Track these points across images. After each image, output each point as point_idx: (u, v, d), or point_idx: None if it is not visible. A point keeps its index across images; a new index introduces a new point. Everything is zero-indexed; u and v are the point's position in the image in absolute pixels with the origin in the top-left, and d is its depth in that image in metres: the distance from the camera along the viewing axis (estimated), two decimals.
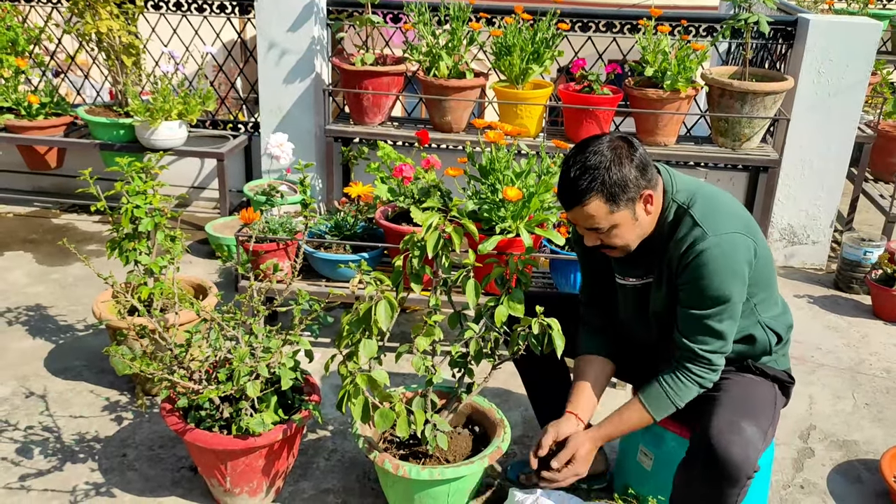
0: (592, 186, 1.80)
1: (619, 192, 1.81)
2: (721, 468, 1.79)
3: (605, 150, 1.81)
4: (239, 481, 2.23)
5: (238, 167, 4.54)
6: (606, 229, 1.86)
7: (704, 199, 1.90)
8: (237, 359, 2.06)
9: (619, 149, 1.82)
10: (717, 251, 1.83)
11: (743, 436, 1.80)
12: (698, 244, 1.84)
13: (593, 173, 1.80)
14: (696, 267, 1.84)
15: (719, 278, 1.83)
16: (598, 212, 1.83)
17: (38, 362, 3.02)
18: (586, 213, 1.84)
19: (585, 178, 1.80)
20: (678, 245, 1.87)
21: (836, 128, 3.90)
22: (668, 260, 1.91)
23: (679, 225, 1.89)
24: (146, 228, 2.62)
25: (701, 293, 1.86)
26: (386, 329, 1.99)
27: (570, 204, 1.85)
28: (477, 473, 2.17)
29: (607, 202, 1.81)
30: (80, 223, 4.41)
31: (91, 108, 4.26)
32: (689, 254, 1.85)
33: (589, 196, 1.81)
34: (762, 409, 1.94)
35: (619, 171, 1.80)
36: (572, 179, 1.82)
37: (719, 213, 1.89)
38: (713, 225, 1.85)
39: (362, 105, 3.94)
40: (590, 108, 3.76)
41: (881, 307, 3.66)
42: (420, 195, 2.99)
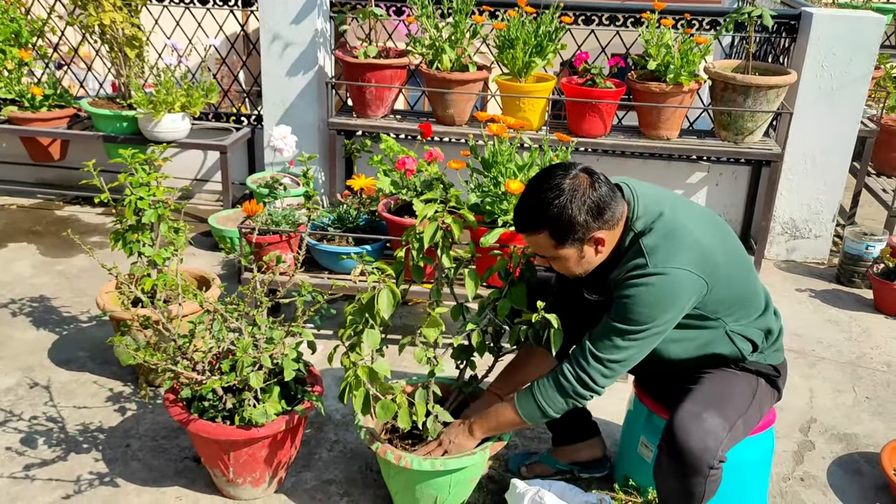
0: (541, 221, 1.84)
1: (566, 232, 1.83)
2: (681, 458, 1.84)
3: (564, 186, 1.82)
4: (242, 471, 2.25)
5: (241, 160, 4.54)
6: (550, 258, 1.92)
7: (663, 228, 1.87)
8: (240, 349, 2.07)
9: (578, 189, 1.82)
10: (653, 281, 1.83)
11: (702, 426, 1.84)
12: (637, 272, 1.85)
13: (546, 209, 1.82)
14: (628, 287, 1.85)
15: (645, 305, 1.84)
16: (543, 244, 1.87)
17: (43, 353, 3.03)
18: (533, 241, 1.90)
19: (537, 210, 1.84)
20: (623, 271, 1.88)
21: (838, 122, 3.90)
22: (615, 283, 1.91)
23: (629, 252, 1.90)
24: (150, 220, 2.63)
25: (623, 310, 1.87)
26: (388, 317, 2.00)
27: (519, 229, 1.91)
28: (479, 464, 2.18)
29: (553, 238, 1.85)
30: (84, 215, 4.43)
31: (94, 101, 4.27)
32: (627, 278, 1.86)
33: (537, 229, 1.85)
34: (732, 400, 1.95)
35: (570, 212, 1.81)
36: (526, 208, 1.87)
37: (672, 245, 1.85)
38: (661, 258, 1.84)
39: (365, 98, 3.94)
40: (593, 102, 3.76)
41: (882, 301, 3.67)
42: (423, 188, 3.00)
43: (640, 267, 1.85)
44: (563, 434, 2.43)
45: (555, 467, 2.45)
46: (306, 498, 2.36)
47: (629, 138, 3.90)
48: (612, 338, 1.89)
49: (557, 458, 2.45)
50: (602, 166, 4.25)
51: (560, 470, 2.45)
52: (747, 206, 4.25)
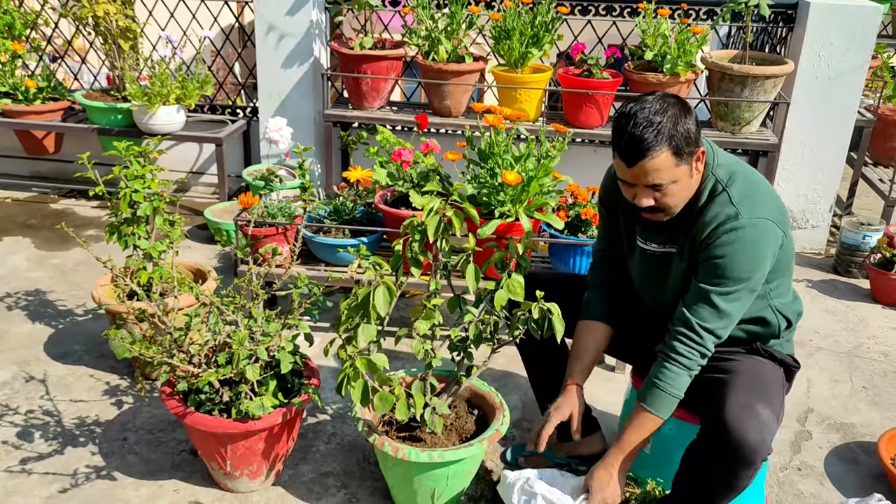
0: (660, 140, 1.76)
1: (684, 145, 1.79)
2: (737, 451, 1.78)
3: (666, 105, 1.80)
4: (239, 464, 2.24)
5: (237, 152, 4.53)
6: (666, 185, 1.83)
7: (744, 179, 1.89)
8: (236, 342, 2.06)
9: (679, 104, 1.82)
10: (746, 234, 1.82)
11: (759, 419, 1.80)
12: (729, 223, 1.83)
13: (660, 126, 1.76)
14: (722, 245, 1.83)
15: (742, 260, 1.83)
16: (663, 165, 1.79)
17: (38, 347, 3.02)
18: (652, 168, 1.80)
19: (652, 131, 1.76)
20: (709, 222, 1.86)
21: (836, 112, 3.89)
22: (695, 234, 1.89)
23: (713, 201, 1.87)
24: (145, 213, 2.62)
25: (719, 270, 1.85)
26: (384, 314, 1.99)
27: (636, 159, 1.79)
28: (476, 456, 2.18)
29: (674, 155, 1.79)
30: (79, 208, 4.41)
31: (89, 93, 4.24)
32: (718, 232, 1.84)
33: (658, 149, 1.77)
34: (773, 391, 1.93)
35: (684, 123, 1.79)
36: (639, 133, 1.77)
37: (756, 196, 1.87)
38: (749, 207, 1.84)
39: (361, 89, 3.93)
40: (589, 93, 3.74)
41: (879, 291, 3.67)
42: (419, 179, 2.99)
43: (732, 218, 1.83)
44: (565, 433, 2.42)
45: (552, 460, 2.45)
46: (304, 490, 2.36)
47: None
48: (713, 303, 1.86)
49: (556, 452, 2.45)
50: (599, 157, 4.24)
51: (558, 463, 2.45)
52: None
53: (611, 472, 1.98)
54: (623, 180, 1.89)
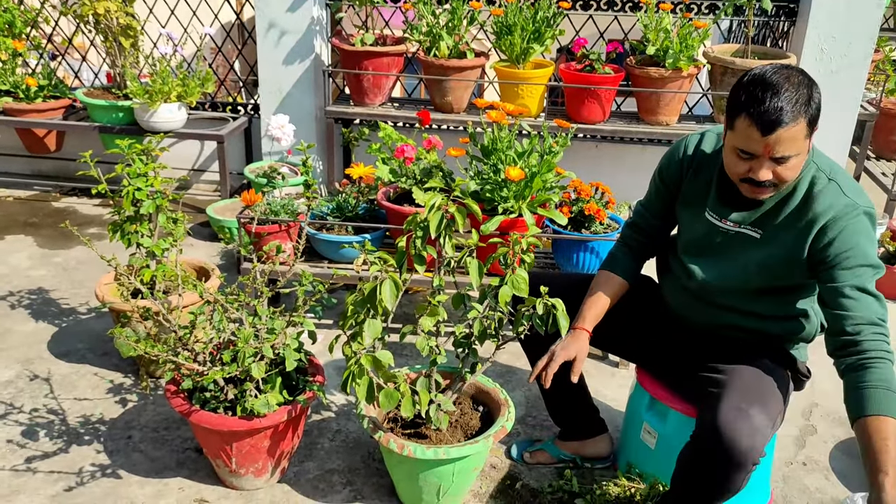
0: (802, 110, 1.71)
1: (816, 116, 1.75)
2: (727, 454, 1.76)
3: (801, 76, 1.75)
4: (244, 462, 2.24)
5: (238, 149, 4.52)
6: (792, 157, 1.76)
7: (843, 172, 1.87)
8: (241, 340, 2.06)
9: (807, 75, 1.77)
10: (866, 223, 1.80)
11: (751, 423, 1.77)
12: (850, 214, 1.78)
13: (799, 96, 1.71)
14: (849, 237, 1.77)
15: (868, 248, 1.79)
16: (798, 136, 1.73)
17: (42, 345, 3.02)
18: (788, 137, 1.73)
19: (794, 99, 1.71)
20: (825, 211, 1.80)
21: (838, 105, 3.88)
22: (803, 224, 1.83)
23: (820, 191, 1.82)
24: (148, 211, 2.61)
25: (858, 260, 1.77)
26: (391, 309, 1.99)
27: (775, 127, 1.71)
28: (482, 453, 2.18)
29: (808, 125, 1.74)
30: (81, 206, 4.40)
31: (89, 91, 4.23)
32: (841, 224, 1.78)
33: (799, 119, 1.71)
34: (773, 395, 1.89)
35: (817, 96, 1.75)
36: (782, 103, 1.70)
37: (858, 188, 1.85)
38: (860, 198, 1.81)
39: (362, 86, 3.92)
40: (591, 88, 3.73)
41: (883, 285, 3.61)
42: (422, 176, 2.98)
43: (852, 206, 1.79)
44: (572, 430, 2.43)
45: (558, 456, 2.45)
46: (309, 488, 2.36)
47: (628, 124, 3.88)
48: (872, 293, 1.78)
49: (562, 449, 2.45)
50: (601, 153, 4.24)
51: (563, 459, 2.45)
52: None
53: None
54: (745, 151, 1.78)
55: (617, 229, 3.00)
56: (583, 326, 2.10)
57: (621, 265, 2.20)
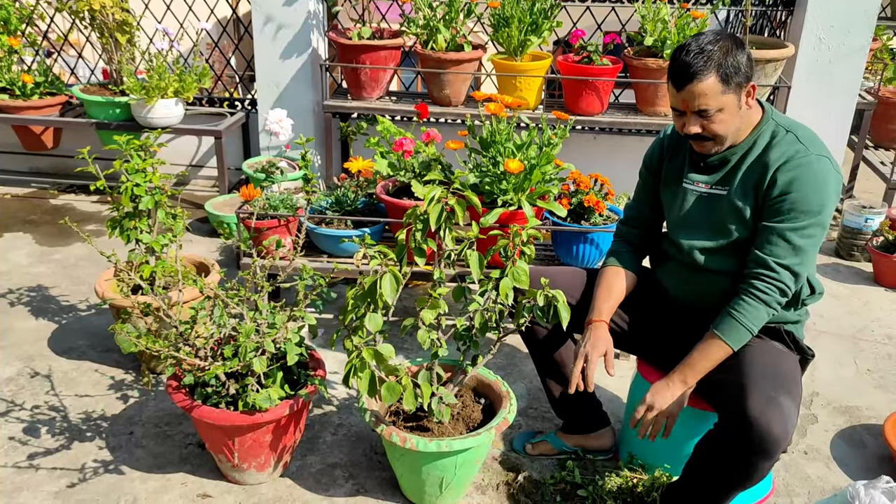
0: (709, 65, 1.85)
1: (732, 73, 1.86)
2: (760, 444, 1.77)
3: (719, 38, 1.88)
4: (247, 456, 2.24)
5: (236, 144, 4.51)
6: (713, 112, 1.89)
7: (804, 133, 1.95)
8: (243, 335, 2.06)
9: (733, 39, 1.89)
10: (813, 167, 1.88)
11: (782, 411, 1.78)
12: (797, 158, 1.89)
13: (709, 54, 1.85)
14: (791, 181, 1.88)
15: (814, 192, 1.87)
16: (710, 90, 1.87)
17: (43, 342, 3.02)
18: (698, 91, 1.87)
19: (702, 56, 1.85)
20: (776, 160, 1.91)
21: (837, 95, 3.88)
22: (758, 174, 1.93)
23: (777, 142, 1.93)
24: (147, 207, 2.61)
25: (790, 205, 1.89)
26: (391, 302, 1.99)
27: (684, 81, 1.88)
28: (484, 445, 2.18)
29: (721, 82, 1.86)
30: (79, 203, 4.40)
31: (86, 87, 4.23)
32: (786, 167, 1.89)
33: (706, 73, 1.85)
34: (793, 381, 1.91)
35: (734, 55, 1.86)
36: (689, 59, 1.87)
37: (819, 141, 1.94)
38: (816, 147, 1.91)
39: (360, 80, 3.91)
40: (589, 80, 3.73)
41: (882, 274, 3.67)
42: (421, 169, 2.98)
43: (802, 152, 1.90)
44: (575, 423, 2.42)
45: (560, 448, 2.45)
46: (312, 482, 2.36)
47: (626, 115, 3.88)
48: (787, 238, 1.90)
49: (565, 441, 2.45)
50: (599, 144, 4.23)
51: (565, 451, 2.45)
52: None
53: (668, 383, 1.98)
54: (674, 108, 1.95)
55: (616, 221, 3.00)
56: (601, 318, 2.13)
57: (627, 260, 2.24)
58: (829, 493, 2.36)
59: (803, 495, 2.36)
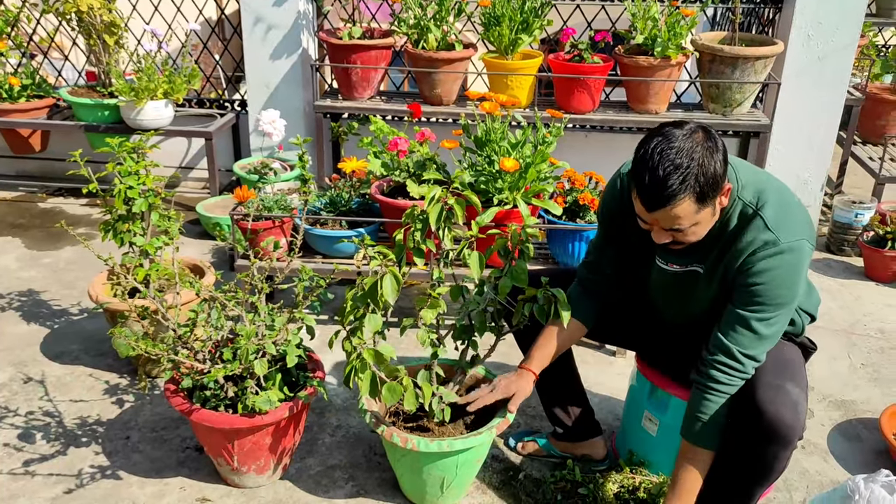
0: (684, 187, 1.64)
1: (709, 190, 1.66)
2: (774, 433, 1.76)
3: (692, 145, 1.64)
4: (246, 460, 2.23)
5: (226, 146, 4.48)
6: (686, 228, 1.73)
7: (774, 199, 1.79)
8: (244, 337, 2.04)
9: (707, 141, 1.66)
10: (786, 259, 1.74)
11: (790, 398, 1.78)
12: (769, 248, 1.74)
13: (684, 172, 1.62)
14: (762, 272, 1.76)
15: (782, 286, 1.77)
16: (685, 213, 1.68)
17: (35, 347, 2.99)
18: (673, 215, 1.69)
19: (676, 176, 1.63)
20: (745, 247, 1.77)
21: (826, 91, 3.90)
22: (729, 259, 1.81)
23: (747, 226, 1.78)
24: (140, 209, 2.59)
25: (759, 297, 1.78)
26: (392, 302, 1.98)
27: (656, 206, 1.69)
28: (485, 444, 2.18)
29: (697, 202, 1.67)
30: (68, 207, 4.36)
31: (74, 90, 4.18)
32: (757, 258, 1.76)
33: (681, 198, 1.65)
34: (798, 369, 1.91)
35: (711, 165, 1.64)
36: (662, 179, 1.64)
37: (790, 215, 1.78)
38: (785, 231, 1.75)
39: (351, 80, 3.90)
40: (581, 78, 3.73)
41: (873, 268, 3.70)
42: (416, 169, 2.97)
43: (771, 243, 1.74)
44: (567, 432, 2.41)
45: (549, 452, 2.45)
46: (312, 484, 2.35)
47: (618, 113, 3.89)
48: (753, 329, 1.79)
49: (554, 446, 2.45)
50: (591, 143, 4.24)
51: (553, 455, 2.44)
52: None
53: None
54: (640, 217, 1.79)
55: None
56: (529, 367, 2.12)
57: (578, 309, 2.09)
58: (827, 486, 2.38)
59: (802, 489, 2.37)
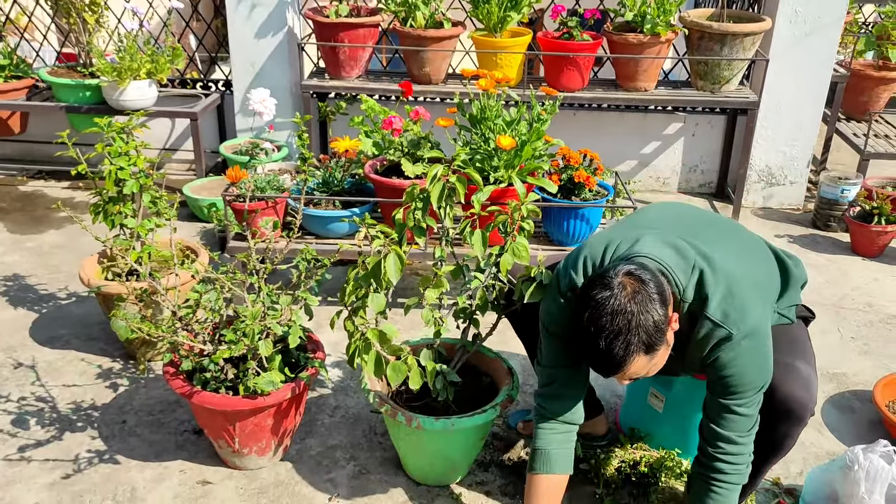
0: (630, 350, 1.62)
1: (655, 339, 1.63)
2: (787, 411, 1.79)
3: (625, 304, 1.60)
4: (247, 441, 2.22)
5: (211, 127, 4.42)
6: (643, 372, 1.71)
7: (715, 288, 1.71)
8: (250, 317, 2.02)
9: (638, 294, 1.62)
10: (745, 348, 1.71)
11: (801, 374, 1.81)
12: (725, 345, 1.71)
13: (626, 337, 1.60)
14: (725, 366, 1.73)
15: (750, 373, 1.74)
16: (639, 366, 1.66)
17: (24, 332, 2.94)
18: (628, 374, 1.68)
19: (619, 344, 1.61)
20: (702, 343, 1.73)
21: (812, 67, 3.93)
22: (693, 351, 1.77)
23: (697, 325, 1.73)
24: (131, 191, 2.55)
25: (732, 387, 1.75)
26: (395, 281, 1.97)
27: (610, 373, 1.68)
28: (489, 423, 2.18)
29: (647, 354, 1.64)
30: (49, 189, 4.27)
31: (53, 70, 4.09)
32: (715, 353, 1.72)
33: (630, 360, 1.63)
34: (805, 345, 1.94)
35: (649, 320, 1.61)
36: (606, 350, 1.62)
37: (737, 301, 1.71)
38: (736, 321, 1.70)
39: (338, 58, 3.85)
40: (570, 55, 3.72)
41: (859, 244, 3.74)
42: (410, 147, 2.95)
43: (726, 339, 1.70)
44: None
45: None
46: (313, 464, 2.34)
47: (607, 91, 3.88)
48: (740, 413, 1.77)
49: None
50: (579, 121, 4.23)
51: None
52: (723, 155, 4.28)
53: None
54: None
55: (606, 196, 3.01)
56: None
57: (554, 459, 1.95)
58: (823, 458, 2.41)
59: (798, 461, 2.41)
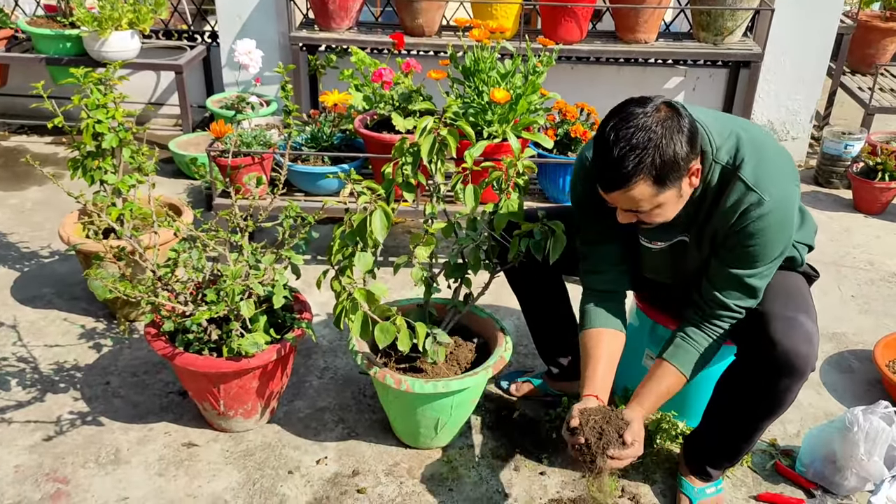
0: (640, 169, 1.55)
1: (669, 172, 1.58)
2: (790, 365, 1.75)
3: (652, 124, 1.55)
4: (233, 404, 2.16)
5: (197, 81, 4.29)
6: (648, 210, 1.65)
7: (751, 154, 1.69)
8: (230, 277, 1.94)
9: (669, 120, 1.57)
10: (774, 217, 1.68)
11: (804, 328, 1.77)
12: (755, 211, 1.67)
13: (641, 154, 1.54)
14: (752, 234, 1.70)
15: (774, 243, 1.72)
16: (643, 195, 1.60)
17: (5, 291, 2.87)
18: (629, 197, 1.61)
19: (632, 158, 1.55)
20: (730, 210, 1.70)
21: (818, 18, 3.80)
22: (716, 222, 1.74)
23: (727, 189, 1.70)
24: (110, 145, 2.45)
25: (750, 256, 1.73)
26: (381, 239, 1.89)
27: (612, 187, 1.61)
28: (480, 385, 2.13)
29: (655, 184, 1.58)
30: (31, 145, 4.17)
31: (32, 20, 3.95)
32: (744, 220, 1.69)
33: (636, 180, 1.57)
34: (807, 299, 1.90)
35: (670, 149, 1.56)
36: (616, 160, 1.55)
37: (769, 168, 1.69)
38: (768, 187, 1.67)
39: (328, 9, 3.71)
40: (568, 6, 3.59)
41: (862, 200, 3.66)
42: (401, 101, 2.84)
43: (756, 204, 1.67)
44: (563, 372, 2.35)
45: (545, 392, 2.40)
46: (301, 427, 2.29)
47: (606, 43, 3.76)
48: (748, 285, 1.76)
49: (551, 387, 2.40)
50: (577, 75, 4.11)
51: (549, 394, 2.40)
52: (725, 110, 4.16)
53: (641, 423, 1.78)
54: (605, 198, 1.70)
55: None
56: (593, 394, 1.84)
57: (595, 315, 1.93)
58: (821, 418, 2.37)
59: (796, 422, 2.36)
